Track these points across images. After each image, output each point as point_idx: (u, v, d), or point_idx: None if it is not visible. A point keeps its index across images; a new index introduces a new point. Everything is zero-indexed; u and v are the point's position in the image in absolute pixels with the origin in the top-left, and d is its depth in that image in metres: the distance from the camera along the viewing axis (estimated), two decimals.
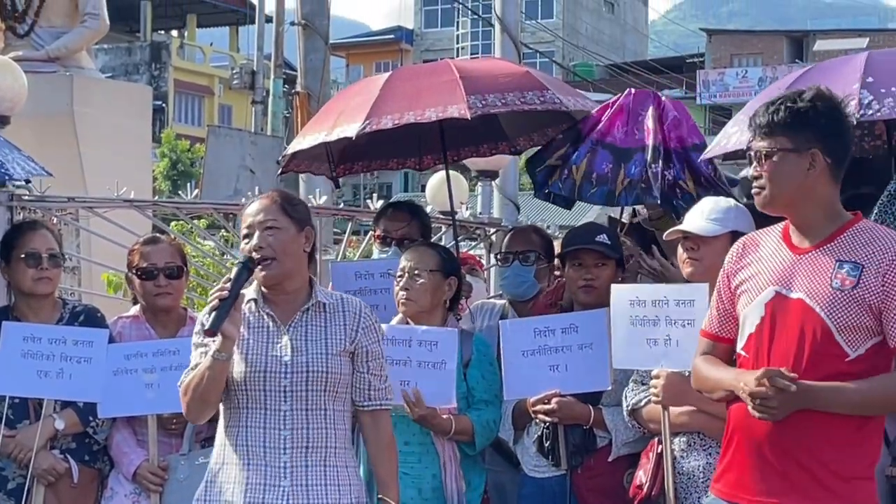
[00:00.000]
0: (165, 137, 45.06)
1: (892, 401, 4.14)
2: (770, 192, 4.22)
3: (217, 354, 4.45)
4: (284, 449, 4.53)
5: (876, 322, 4.10)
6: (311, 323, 4.65)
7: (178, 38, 60.16)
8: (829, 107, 4.22)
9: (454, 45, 67.30)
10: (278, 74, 23.46)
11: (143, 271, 5.94)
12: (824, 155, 4.17)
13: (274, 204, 4.65)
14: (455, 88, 6.05)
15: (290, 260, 4.61)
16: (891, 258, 4.09)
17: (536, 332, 5.56)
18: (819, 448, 4.11)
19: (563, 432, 5.54)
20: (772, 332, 4.20)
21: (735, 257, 4.43)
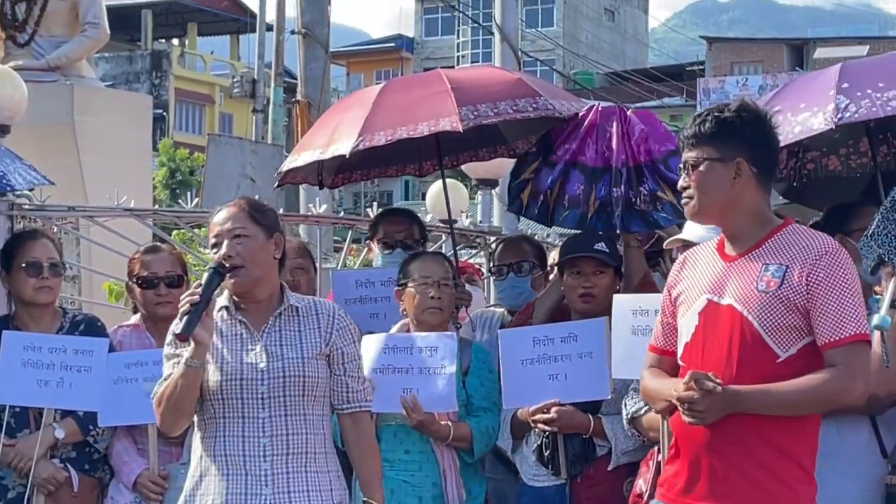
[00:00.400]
0: (163, 147, 45.06)
1: (820, 400, 4.19)
2: (698, 201, 4.31)
3: (190, 361, 4.40)
4: (265, 457, 4.48)
5: (805, 321, 4.16)
6: (284, 328, 4.61)
7: (178, 47, 60.21)
8: (754, 117, 4.32)
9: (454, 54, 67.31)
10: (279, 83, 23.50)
11: (144, 280, 5.95)
12: (750, 164, 4.27)
13: (242, 211, 4.62)
14: (446, 100, 6.05)
15: (260, 267, 4.58)
16: (814, 257, 4.17)
17: (535, 341, 5.56)
18: (756, 451, 4.17)
19: (563, 441, 5.54)
20: (705, 339, 4.27)
21: (676, 270, 4.53)
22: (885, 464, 5.28)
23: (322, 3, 14.16)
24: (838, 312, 4.13)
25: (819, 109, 5.43)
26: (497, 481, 6.04)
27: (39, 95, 9.02)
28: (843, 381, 4.13)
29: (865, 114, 5.34)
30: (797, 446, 4.23)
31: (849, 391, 4.17)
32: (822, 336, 4.14)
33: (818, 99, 5.49)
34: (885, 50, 40.97)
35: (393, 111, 6.22)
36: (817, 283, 4.14)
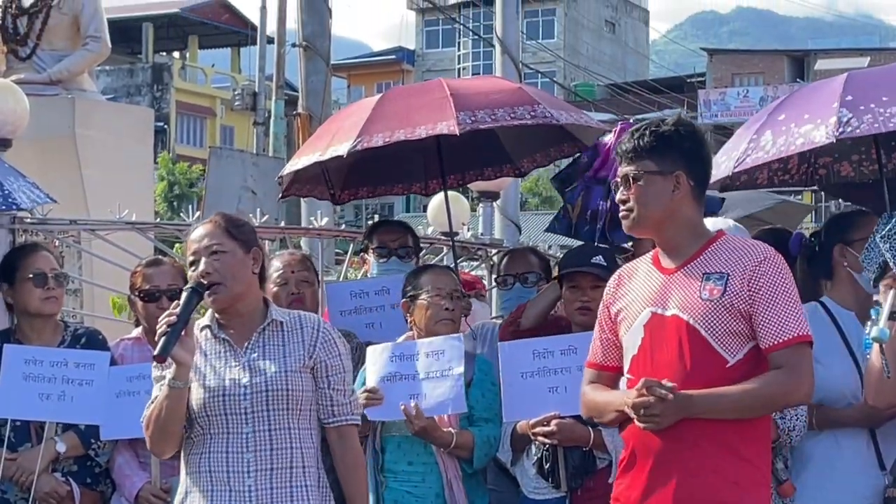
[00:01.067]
0: (162, 160, 45.09)
1: (768, 401, 4.30)
2: (638, 214, 4.40)
3: (173, 382, 4.39)
4: (248, 472, 4.46)
5: (748, 326, 4.28)
6: (268, 342, 4.57)
7: (179, 60, 60.26)
8: (690, 131, 4.45)
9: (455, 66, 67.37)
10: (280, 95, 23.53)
11: (146, 293, 5.96)
12: (688, 177, 4.38)
13: (218, 228, 4.59)
14: (445, 105, 6.08)
15: (239, 283, 4.54)
16: (754, 265, 4.30)
17: (535, 354, 5.57)
18: (711, 455, 4.24)
19: (563, 454, 5.55)
20: (652, 351, 4.36)
21: (612, 288, 4.61)
22: (884, 476, 5.30)
23: (323, 16, 14.16)
24: (780, 316, 4.25)
25: (822, 122, 5.44)
26: (499, 493, 6.04)
27: (41, 109, 9.02)
28: (789, 382, 4.26)
29: (867, 129, 5.35)
30: (751, 448, 4.31)
31: (795, 392, 4.30)
32: (765, 339, 4.26)
33: (822, 111, 5.50)
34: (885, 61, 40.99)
35: (392, 115, 6.25)
36: (759, 289, 4.27)
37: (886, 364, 5.00)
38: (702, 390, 4.22)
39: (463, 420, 5.66)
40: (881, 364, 4.98)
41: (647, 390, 4.19)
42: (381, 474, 5.69)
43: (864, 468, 5.36)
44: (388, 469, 5.69)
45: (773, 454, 5.27)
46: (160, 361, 4.40)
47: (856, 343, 5.40)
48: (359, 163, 7.00)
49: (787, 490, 5.28)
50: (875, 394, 5.13)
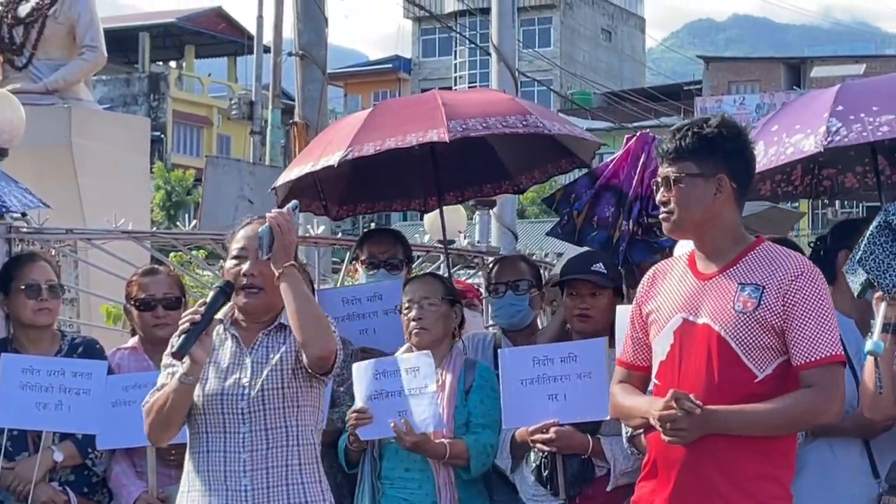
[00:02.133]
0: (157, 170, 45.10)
1: (796, 420, 4.24)
2: (679, 216, 4.33)
3: (184, 378, 4.40)
4: (244, 472, 4.47)
5: (780, 342, 4.20)
6: (270, 344, 4.59)
7: (176, 69, 60.27)
8: (734, 133, 4.35)
9: (452, 74, 67.43)
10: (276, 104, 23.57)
11: (142, 302, 5.95)
12: (730, 180, 4.30)
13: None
14: (436, 114, 6.08)
15: (276, 292, 4.52)
16: (791, 278, 4.21)
17: (535, 361, 5.55)
18: (734, 472, 4.19)
19: (562, 461, 5.53)
20: (681, 358, 4.29)
21: (646, 287, 4.54)
22: (878, 484, 5.29)
23: (319, 25, 14.16)
24: (814, 334, 4.17)
25: (812, 132, 5.44)
26: (499, 500, 6.01)
27: (37, 118, 9.02)
28: (819, 402, 4.18)
29: (856, 138, 5.35)
30: (775, 466, 4.26)
31: (825, 412, 4.22)
32: (797, 357, 4.18)
33: (812, 121, 5.50)
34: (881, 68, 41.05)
35: (383, 125, 6.26)
36: (794, 305, 4.19)
37: (879, 378, 5.00)
38: (729, 406, 4.16)
39: (460, 427, 5.65)
40: (875, 378, 4.99)
41: (676, 402, 4.13)
42: (378, 481, 5.68)
43: (857, 476, 5.36)
44: (386, 476, 5.69)
45: None
46: (177, 359, 4.38)
47: (853, 351, 5.39)
48: (357, 179, 7.01)
49: None
50: (870, 407, 5.13)
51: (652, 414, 4.21)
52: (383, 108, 6.73)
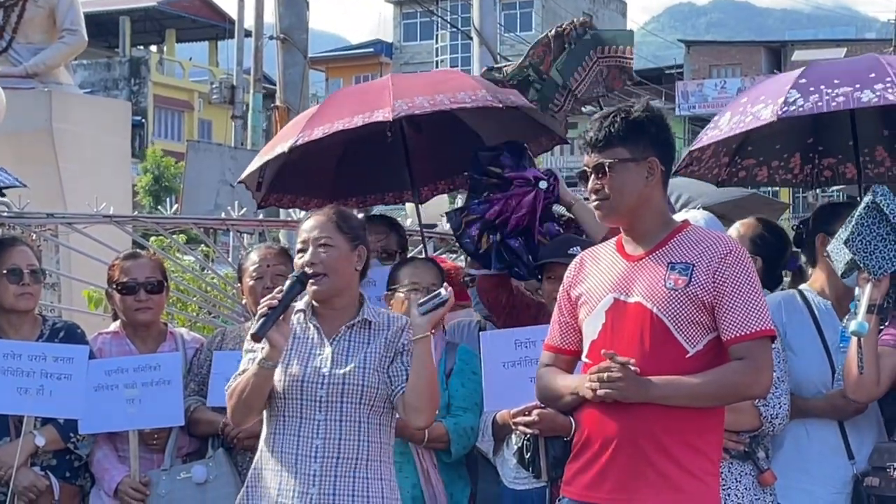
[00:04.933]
0: (150, 154, 45.00)
1: (726, 392, 4.32)
2: (613, 202, 4.40)
3: (263, 363, 4.56)
4: (315, 458, 4.63)
5: (710, 318, 4.30)
6: (354, 339, 4.76)
7: (157, 54, 60.12)
8: (658, 116, 4.46)
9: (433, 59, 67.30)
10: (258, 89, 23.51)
11: (124, 286, 5.94)
12: (660, 162, 4.39)
13: (329, 221, 4.80)
14: (384, 95, 6.08)
15: (341, 277, 4.74)
16: (720, 256, 4.31)
17: (517, 344, 5.56)
18: (666, 445, 4.27)
19: (544, 444, 5.55)
20: (613, 337, 4.36)
21: (574, 272, 4.62)
22: (852, 466, 5.33)
23: (301, 9, 14.12)
24: (742, 309, 4.27)
25: (771, 102, 5.48)
26: (481, 483, 6.03)
27: (17, 102, 9.01)
28: (747, 374, 4.27)
29: (810, 108, 5.38)
30: (705, 440, 4.34)
31: (753, 384, 4.31)
32: (726, 332, 4.27)
33: (775, 93, 5.54)
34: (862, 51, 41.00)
35: (335, 111, 6.26)
36: (723, 282, 4.28)
37: (861, 358, 5.04)
38: (662, 377, 4.24)
39: (441, 409, 5.65)
40: (857, 358, 5.02)
41: (611, 360, 4.23)
42: None
43: (833, 457, 5.40)
44: None
45: (755, 443, 5.31)
46: (256, 341, 4.55)
47: (829, 333, 5.43)
48: (345, 173, 7.02)
49: (767, 479, 5.30)
50: (854, 389, 5.17)
51: (588, 375, 4.30)
52: (337, 96, 6.77)
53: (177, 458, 5.80)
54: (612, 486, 4.32)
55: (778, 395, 5.26)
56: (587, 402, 4.36)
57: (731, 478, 5.28)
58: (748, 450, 5.33)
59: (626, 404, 4.26)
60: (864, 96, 5.32)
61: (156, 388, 5.70)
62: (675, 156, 4.60)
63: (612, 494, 4.32)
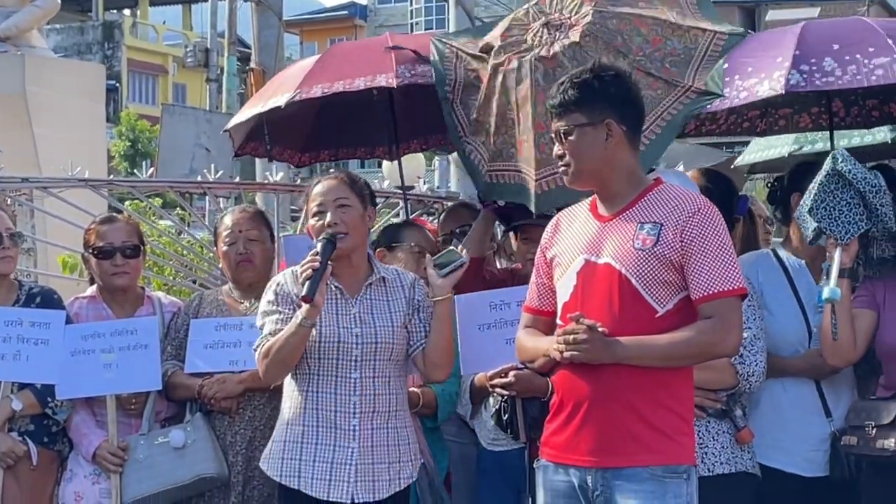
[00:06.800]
0: (125, 117, 44.79)
1: (695, 351, 4.33)
2: (575, 167, 4.42)
3: (304, 321, 4.75)
4: (354, 413, 4.89)
5: (679, 277, 4.30)
6: (374, 296, 5.01)
7: (130, 17, 59.73)
8: (613, 75, 4.43)
9: (408, 21, 67.10)
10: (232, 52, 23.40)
11: (100, 251, 5.90)
12: (619, 123, 4.37)
13: (343, 183, 5.01)
14: (386, 58, 6.06)
15: (360, 236, 5.00)
16: (688, 215, 4.31)
17: (492, 306, 5.54)
18: (638, 405, 4.29)
19: (521, 405, 5.55)
20: (584, 298, 4.38)
21: (550, 233, 4.63)
22: (829, 423, 5.36)
23: None
24: (711, 268, 4.27)
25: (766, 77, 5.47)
26: (464, 445, 6.04)
27: None
28: (716, 333, 4.28)
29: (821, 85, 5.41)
30: (676, 399, 4.36)
31: (722, 342, 4.32)
32: (696, 291, 4.28)
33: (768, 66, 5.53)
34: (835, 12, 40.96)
35: (333, 68, 6.25)
36: (691, 241, 4.28)
37: (835, 324, 5.07)
38: (631, 337, 4.26)
39: None
40: (830, 324, 5.06)
41: (577, 322, 4.25)
42: None
43: (810, 415, 5.43)
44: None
45: (732, 401, 5.32)
46: (307, 302, 4.71)
47: (804, 292, 5.46)
48: (320, 126, 6.99)
49: (745, 436, 5.31)
50: (830, 354, 5.21)
51: (556, 337, 4.33)
52: (334, 52, 6.74)
53: (155, 422, 5.78)
54: (585, 447, 4.34)
55: (754, 353, 5.27)
56: (560, 365, 4.39)
57: (709, 436, 5.28)
58: (725, 408, 5.32)
59: (596, 366, 4.28)
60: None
61: (133, 353, 5.69)
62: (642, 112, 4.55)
63: (585, 456, 4.35)
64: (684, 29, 5.52)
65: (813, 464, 5.42)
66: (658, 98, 5.42)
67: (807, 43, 5.56)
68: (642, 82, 5.34)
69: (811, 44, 5.56)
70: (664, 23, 5.53)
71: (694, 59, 5.48)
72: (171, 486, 5.61)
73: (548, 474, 4.51)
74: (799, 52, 5.49)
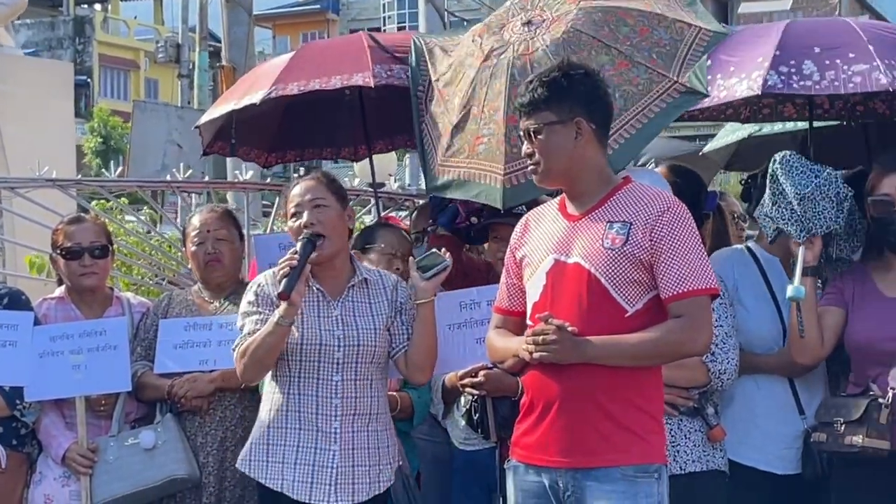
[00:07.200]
0: (98, 113, 44.63)
1: (665, 350, 4.34)
2: (545, 166, 4.41)
3: (281, 320, 4.71)
4: (335, 416, 4.87)
5: (649, 276, 4.30)
6: (356, 298, 4.97)
7: (101, 12, 59.47)
8: (583, 73, 4.43)
9: (381, 14, 67.03)
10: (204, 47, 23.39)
11: (68, 251, 5.88)
12: (588, 121, 4.36)
13: (320, 184, 4.97)
14: (362, 57, 6.05)
15: (339, 237, 4.94)
16: (657, 214, 4.31)
17: (462, 306, 5.52)
18: (607, 406, 4.29)
19: (492, 404, 5.53)
20: (553, 298, 4.38)
21: (519, 233, 4.63)
22: (803, 421, 5.36)
23: None
24: (681, 267, 4.26)
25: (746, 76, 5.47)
26: (436, 444, 6.03)
27: None
28: (686, 332, 4.28)
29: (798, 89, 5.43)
30: (645, 398, 4.36)
31: (691, 342, 4.32)
32: (665, 290, 4.28)
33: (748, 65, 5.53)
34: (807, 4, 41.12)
35: (308, 66, 6.24)
36: (660, 240, 4.28)
37: (801, 322, 5.08)
38: (600, 336, 4.25)
39: None
40: (797, 322, 5.07)
41: (546, 322, 4.25)
42: None
43: (783, 413, 5.44)
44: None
45: (704, 399, 5.32)
46: (284, 299, 4.68)
47: (779, 288, 5.45)
48: (287, 126, 6.97)
49: (717, 434, 5.31)
50: (798, 352, 5.23)
51: (526, 337, 4.32)
52: (309, 49, 6.73)
53: (125, 423, 5.76)
54: (555, 448, 4.34)
55: (726, 350, 5.27)
56: (530, 365, 4.38)
57: (681, 434, 5.28)
58: (697, 406, 5.32)
59: (565, 366, 4.27)
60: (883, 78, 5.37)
61: (102, 354, 5.66)
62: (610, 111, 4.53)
63: (555, 457, 4.34)
64: (670, 20, 5.53)
65: (786, 461, 5.42)
66: (640, 94, 5.41)
67: (788, 43, 5.56)
68: (624, 77, 5.37)
69: (792, 44, 5.56)
70: (650, 14, 5.55)
71: (679, 52, 5.48)
72: (141, 487, 5.59)
73: (519, 475, 4.51)
74: (779, 53, 5.50)
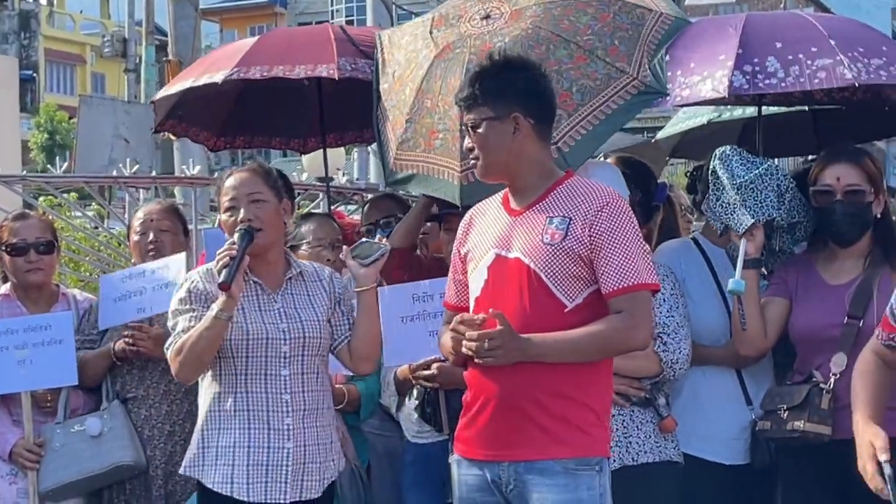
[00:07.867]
0: (44, 109, 44.38)
1: (606, 345, 4.32)
2: (484, 161, 4.41)
3: (219, 314, 4.59)
4: (287, 412, 4.73)
5: (589, 271, 4.29)
6: (295, 291, 4.86)
7: (47, 6, 59.18)
8: (521, 68, 4.43)
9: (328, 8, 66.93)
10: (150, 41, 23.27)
11: (13, 247, 5.85)
12: (525, 116, 4.35)
13: (257, 176, 4.84)
14: (327, 47, 6.02)
15: (275, 231, 4.81)
16: (596, 209, 4.29)
17: (415, 298, 5.52)
18: (549, 401, 4.28)
19: (444, 397, 5.52)
20: (494, 293, 4.37)
21: (464, 229, 4.63)
22: (750, 412, 5.38)
23: None
24: (620, 262, 4.25)
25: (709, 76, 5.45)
26: (387, 438, 6.03)
27: None
28: (626, 327, 4.27)
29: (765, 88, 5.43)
30: (585, 393, 4.33)
31: (632, 337, 4.32)
32: (606, 285, 4.27)
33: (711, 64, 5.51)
34: None
35: (273, 51, 6.21)
36: (599, 235, 4.27)
37: (743, 315, 5.10)
38: (540, 334, 4.24)
39: None
40: (738, 315, 5.09)
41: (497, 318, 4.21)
42: None
43: (730, 403, 5.46)
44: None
45: (656, 389, 5.33)
46: (224, 290, 4.56)
47: (725, 280, 5.46)
48: (239, 111, 6.93)
49: (668, 425, 5.32)
50: (741, 344, 5.26)
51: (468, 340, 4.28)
52: (276, 34, 6.71)
53: (70, 418, 5.72)
54: (494, 442, 4.34)
55: (678, 341, 5.29)
56: (471, 360, 4.36)
57: (633, 425, 5.29)
58: (649, 396, 5.33)
59: None
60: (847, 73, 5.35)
61: (47, 348, 5.61)
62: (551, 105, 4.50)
63: (494, 451, 4.35)
64: (631, 5, 5.52)
65: (734, 452, 5.44)
66: (597, 89, 5.38)
67: (750, 40, 5.53)
68: (581, 70, 5.35)
69: (754, 42, 5.53)
70: (610, 0, 5.52)
71: (641, 40, 5.45)
72: (87, 474, 5.58)
73: (462, 469, 4.50)
74: (742, 51, 5.46)
